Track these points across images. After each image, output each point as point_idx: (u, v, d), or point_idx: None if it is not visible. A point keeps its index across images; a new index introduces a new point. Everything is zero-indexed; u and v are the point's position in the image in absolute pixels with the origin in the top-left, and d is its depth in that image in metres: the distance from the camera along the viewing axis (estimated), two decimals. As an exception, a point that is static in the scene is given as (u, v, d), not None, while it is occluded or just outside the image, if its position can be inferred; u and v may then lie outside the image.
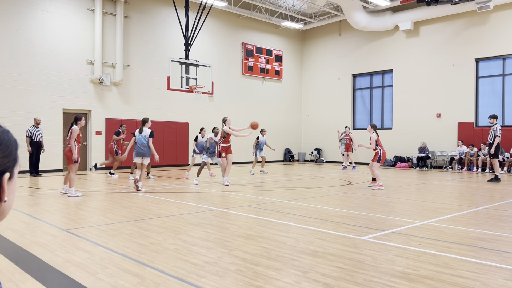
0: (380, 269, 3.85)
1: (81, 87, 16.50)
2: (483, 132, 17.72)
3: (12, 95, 14.78)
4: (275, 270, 3.84)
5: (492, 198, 9.12)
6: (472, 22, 18.29)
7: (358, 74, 22.52)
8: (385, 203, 8.21)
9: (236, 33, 21.77)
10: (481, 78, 18.33)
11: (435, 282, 3.51)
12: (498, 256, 4.34)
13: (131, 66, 17.84)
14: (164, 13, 18.94)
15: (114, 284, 3.48)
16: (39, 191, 10.18)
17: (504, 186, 11.63)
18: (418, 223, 6.13)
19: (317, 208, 7.56)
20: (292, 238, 5.12)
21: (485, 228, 5.84)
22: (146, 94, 18.31)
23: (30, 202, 8.23)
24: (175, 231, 5.48)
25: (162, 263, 4.04)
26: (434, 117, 19.37)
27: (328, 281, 3.53)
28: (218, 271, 3.81)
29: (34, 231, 5.52)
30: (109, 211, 7.19)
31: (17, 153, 1.11)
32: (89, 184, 11.98)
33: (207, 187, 11.06)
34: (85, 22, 16.58)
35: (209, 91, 15.20)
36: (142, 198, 8.76)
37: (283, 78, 23.91)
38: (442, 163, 18.94)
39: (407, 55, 20.36)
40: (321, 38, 24.10)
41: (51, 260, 4.16)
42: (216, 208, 7.41)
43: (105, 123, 17.07)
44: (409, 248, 4.62)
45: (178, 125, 19.25)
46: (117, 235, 5.26)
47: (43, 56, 15.52)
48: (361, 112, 22.58)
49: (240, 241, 4.93)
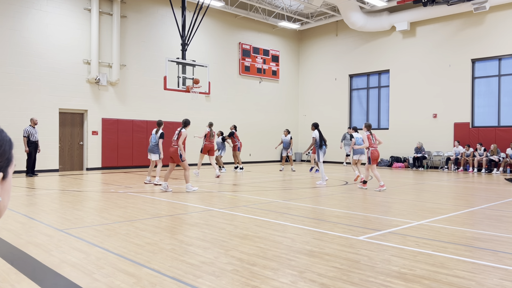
0: (376, 269, 3.86)
1: (78, 87, 16.45)
2: (479, 133, 17.80)
3: (7, 94, 14.71)
4: (272, 270, 3.84)
5: (488, 198, 9.16)
6: (468, 22, 18.36)
7: (354, 74, 22.55)
8: (382, 203, 8.23)
9: (233, 33, 21.76)
10: (477, 78, 18.40)
11: (431, 281, 3.52)
12: (493, 256, 4.35)
13: (127, 66, 17.80)
14: (161, 12, 18.91)
15: (110, 284, 3.47)
16: (35, 191, 10.15)
17: (500, 186, 11.68)
18: (414, 223, 6.15)
19: (314, 208, 7.57)
20: (288, 238, 5.12)
21: (480, 228, 5.87)
22: (142, 94, 18.27)
23: (26, 202, 8.19)
24: (171, 231, 5.47)
25: (159, 263, 4.03)
26: (430, 117, 19.43)
27: (324, 281, 3.53)
28: (214, 271, 3.81)
29: (29, 231, 5.49)
30: (105, 211, 7.17)
31: (11, 153, 1.10)
32: (85, 184, 11.94)
33: (205, 187, 11.05)
34: (82, 21, 16.53)
35: (205, 91, 15.18)
36: (138, 198, 8.74)
37: (280, 78, 23.92)
38: (438, 163, 19.00)
39: (404, 56, 20.41)
40: (318, 38, 24.13)
41: (46, 260, 4.14)
42: (212, 208, 7.40)
43: (102, 123, 17.02)
44: (405, 248, 4.63)
45: (175, 125, 19.19)
46: (113, 235, 5.25)
47: (39, 55, 15.46)
48: (357, 113, 22.62)
49: (236, 241, 4.93)
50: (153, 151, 11.68)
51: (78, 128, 16.81)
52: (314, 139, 12.00)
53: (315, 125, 12.21)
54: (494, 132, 17.46)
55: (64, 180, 12.75)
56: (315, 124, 12.23)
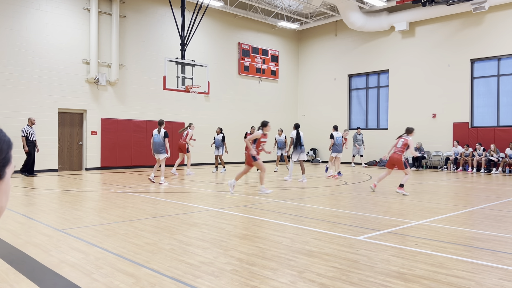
0: (375, 269, 3.86)
1: (77, 87, 16.44)
2: (478, 133, 17.81)
3: (6, 94, 14.69)
4: (271, 270, 3.84)
5: (487, 198, 9.16)
6: (468, 22, 18.37)
7: (354, 74, 22.56)
8: (381, 203, 8.23)
9: (232, 33, 21.75)
10: (476, 78, 18.41)
11: (430, 281, 3.52)
12: (492, 256, 4.35)
13: (126, 65, 17.79)
14: (160, 12, 18.90)
15: (109, 284, 3.47)
16: (34, 191, 10.13)
17: (498, 186, 11.69)
18: (413, 223, 6.15)
19: (313, 208, 7.57)
20: (287, 238, 5.12)
21: (480, 228, 5.87)
22: (142, 94, 18.26)
23: (25, 202, 8.19)
24: (170, 231, 5.47)
25: (158, 263, 4.03)
26: (429, 117, 19.44)
27: (323, 281, 3.53)
28: (213, 271, 3.80)
29: (28, 231, 5.49)
30: (104, 211, 7.16)
31: (9, 153, 1.09)
32: (84, 184, 11.93)
33: (204, 187, 11.05)
34: (81, 21, 16.51)
35: (205, 91, 15.19)
36: (137, 198, 8.73)
37: (279, 78, 23.92)
38: (438, 163, 19.01)
39: (403, 56, 20.42)
40: (317, 38, 24.13)
41: (45, 260, 4.13)
42: (211, 208, 7.40)
43: (101, 123, 17.01)
44: (404, 248, 4.63)
45: (174, 125, 19.19)
46: (112, 235, 5.24)
47: (38, 55, 15.45)
48: (356, 113, 22.62)
49: (235, 241, 4.93)
50: (159, 151, 11.59)
51: (77, 128, 16.79)
52: (292, 139, 12.70)
53: (296, 125, 12.92)
54: (493, 132, 17.48)
55: (63, 180, 12.74)
56: (295, 125, 12.94)
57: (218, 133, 15.73)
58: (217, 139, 15.66)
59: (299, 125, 12.99)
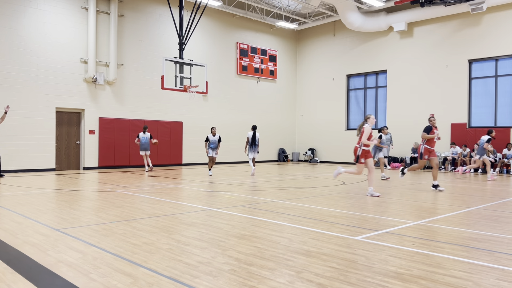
0: (373, 269, 3.86)
1: (75, 86, 16.40)
2: (476, 133, 17.85)
3: (4, 93, 14.65)
4: (269, 270, 3.84)
5: (485, 198, 9.18)
6: (466, 23, 18.41)
7: (352, 74, 22.58)
8: (379, 203, 8.24)
9: (231, 33, 21.74)
10: (474, 79, 18.45)
11: (428, 282, 3.53)
12: (490, 256, 4.36)
13: (125, 65, 17.76)
14: (158, 12, 18.87)
15: (107, 284, 3.46)
16: (31, 190, 10.11)
17: (496, 187, 11.72)
18: (411, 223, 6.16)
19: (311, 208, 7.57)
20: (286, 238, 5.12)
21: (477, 228, 5.88)
22: (140, 93, 18.24)
23: (22, 202, 8.16)
24: (168, 231, 5.46)
25: (155, 263, 4.02)
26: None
27: (321, 281, 3.53)
28: (211, 271, 3.80)
29: (26, 231, 5.47)
30: (102, 210, 7.15)
31: None
32: (81, 183, 11.91)
33: (202, 187, 11.04)
34: (79, 20, 16.48)
35: (203, 90, 15.17)
36: (135, 198, 8.72)
37: (277, 78, 23.93)
38: (435, 163, 19.01)
39: (401, 56, 20.45)
40: (316, 38, 24.14)
41: (43, 260, 4.12)
42: (209, 208, 7.40)
43: (99, 122, 16.98)
44: (402, 248, 4.64)
45: (172, 125, 19.19)
46: (110, 235, 5.23)
47: (36, 54, 15.41)
48: (355, 113, 22.65)
49: (233, 241, 4.92)
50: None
51: (75, 127, 16.76)
52: (248, 138, 14.24)
53: (253, 127, 14.50)
54: (491, 133, 17.49)
55: (61, 180, 12.71)
56: (253, 126, 14.52)
57: (214, 133, 14.40)
58: (214, 140, 14.36)
59: (256, 127, 14.56)
